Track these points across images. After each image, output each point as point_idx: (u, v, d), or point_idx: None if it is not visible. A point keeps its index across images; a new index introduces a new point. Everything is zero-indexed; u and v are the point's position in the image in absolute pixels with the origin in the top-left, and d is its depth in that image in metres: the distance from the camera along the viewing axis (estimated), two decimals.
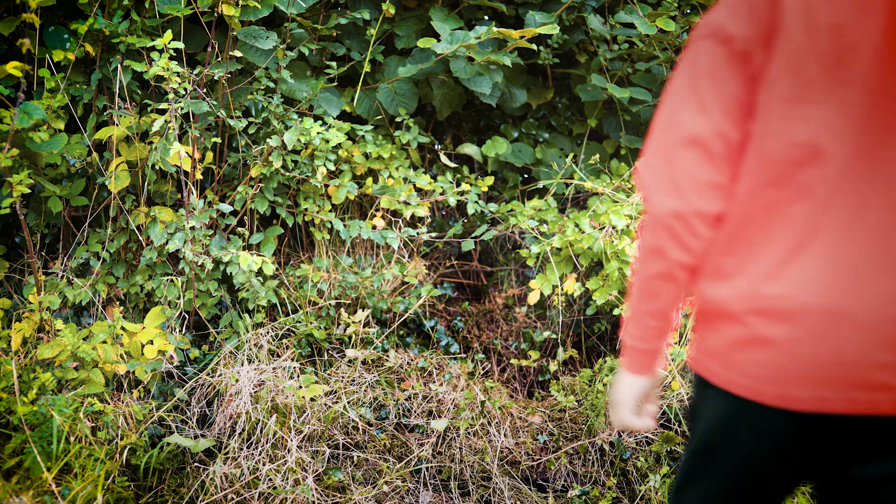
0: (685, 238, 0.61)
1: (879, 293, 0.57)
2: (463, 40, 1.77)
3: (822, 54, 0.55)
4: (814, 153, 0.57)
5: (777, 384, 0.59)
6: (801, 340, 0.58)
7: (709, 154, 0.59)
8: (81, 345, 1.51)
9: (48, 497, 1.28)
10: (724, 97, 0.58)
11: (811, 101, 0.56)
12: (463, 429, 1.61)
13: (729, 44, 0.58)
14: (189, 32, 1.76)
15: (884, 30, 0.53)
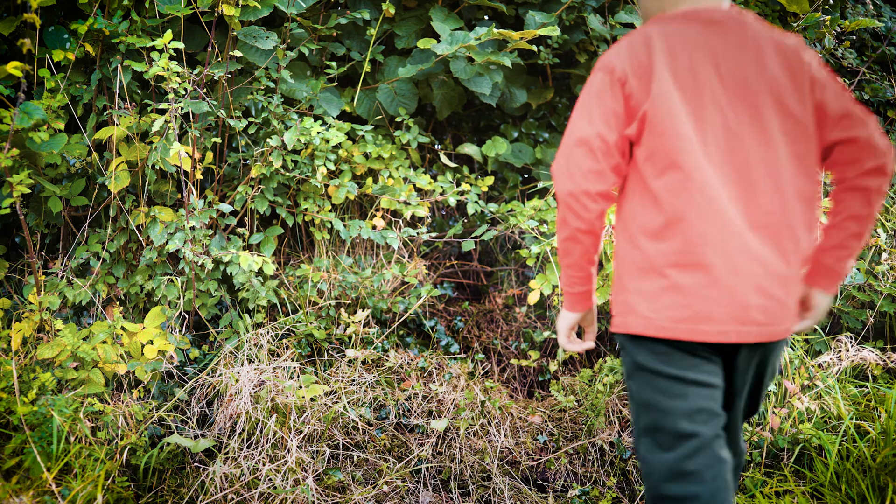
0: (578, 210, 0.87)
1: (755, 250, 0.82)
2: (463, 41, 1.77)
3: (683, 86, 0.83)
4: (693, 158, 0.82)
5: (685, 321, 0.84)
6: (708, 290, 0.83)
7: (591, 150, 0.84)
8: (81, 345, 1.51)
9: (48, 497, 1.28)
10: (604, 111, 0.84)
11: (683, 118, 0.83)
12: (463, 429, 1.61)
13: (612, 73, 0.85)
14: (189, 32, 1.76)
15: (717, 71, 0.84)
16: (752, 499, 1.45)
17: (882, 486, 1.39)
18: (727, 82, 0.84)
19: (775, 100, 0.84)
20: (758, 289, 0.83)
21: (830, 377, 1.61)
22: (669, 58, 0.83)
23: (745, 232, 0.82)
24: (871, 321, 1.84)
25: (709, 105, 0.83)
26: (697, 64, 0.84)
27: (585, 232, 0.88)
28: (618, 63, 0.84)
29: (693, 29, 0.85)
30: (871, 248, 1.90)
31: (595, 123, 0.84)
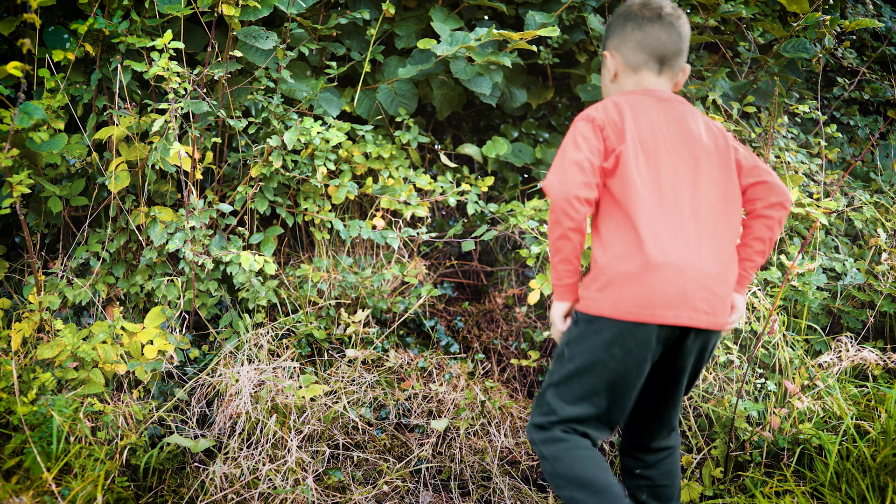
0: (570, 212, 1.08)
1: (701, 258, 1.08)
2: (463, 41, 1.77)
3: (644, 137, 1.13)
4: (654, 186, 1.11)
5: (650, 308, 1.06)
6: (665, 281, 1.06)
7: (582, 168, 1.10)
8: (81, 345, 1.51)
9: (48, 497, 1.28)
10: (590, 146, 1.11)
11: (645, 163, 1.12)
12: (463, 429, 1.61)
13: (594, 122, 1.13)
14: (189, 32, 1.75)
15: (668, 132, 1.15)
16: (752, 499, 1.45)
17: (882, 486, 1.39)
18: (674, 141, 1.14)
19: (708, 157, 1.15)
20: (703, 287, 1.08)
21: (830, 377, 1.61)
22: (635, 116, 1.14)
23: (691, 242, 1.09)
24: (872, 321, 1.84)
25: (663, 153, 1.13)
26: (654, 124, 1.14)
27: (575, 230, 1.10)
28: (597, 116, 1.13)
29: (650, 101, 1.17)
30: (872, 247, 1.90)
31: (584, 152, 1.10)
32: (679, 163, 1.12)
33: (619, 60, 1.20)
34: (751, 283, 1.24)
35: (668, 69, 1.19)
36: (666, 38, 1.17)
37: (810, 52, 1.89)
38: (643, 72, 1.19)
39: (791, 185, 1.83)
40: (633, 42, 1.18)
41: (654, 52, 1.17)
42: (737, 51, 2.14)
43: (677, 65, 1.20)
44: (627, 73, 1.20)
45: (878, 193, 2.09)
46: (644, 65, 1.18)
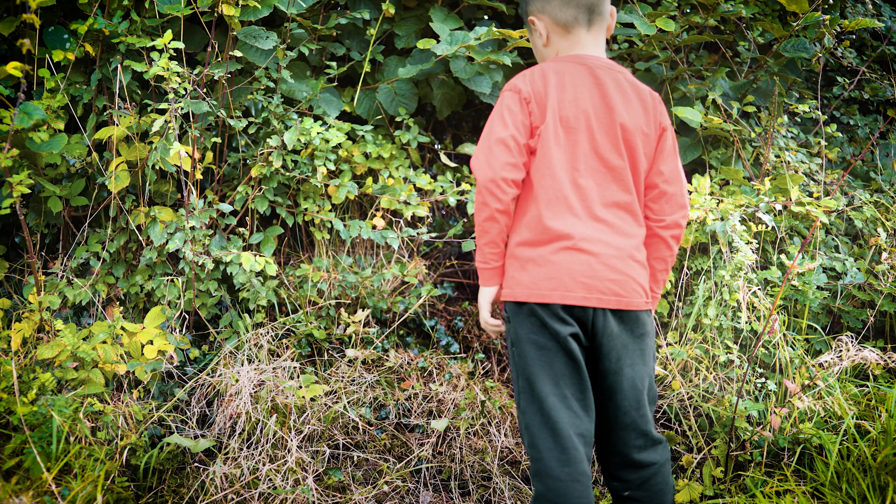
0: (497, 194, 1.08)
1: (610, 245, 1.09)
2: (463, 41, 1.77)
3: (565, 112, 1.11)
4: (569, 170, 1.10)
5: (560, 289, 1.08)
6: (575, 265, 1.08)
7: (508, 147, 1.08)
8: (81, 345, 1.51)
9: (48, 497, 1.28)
10: (516, 120, 1.09)
11: (564, 142, 1.11)
12: (463, 429, 1.61)
13: (519, 93, 1.11)
14: (189, 32, 1.76)
15: (593, 104, 1.12)
16: (752, 498, 1.45)
17: (883, 486, 1.39)
18: (599, 114, 1.11)
19: (632, 135, 1.12)
20: (611, 267, 1.09)
21: (831, 377, 1.61)
22: (559, 89, 1.11)
23: (598, 222, 1.10)
24: (872, 320, 1.84)
25: (583, 130, 1.11)
26: (580, 96, 1.12)
27: (502, 212, 1.09)
28: (523, 87, 1.11)
29: (580, 70, 1.13)
30: (872, 247, 1.90)
31: (509, 128, 1.08)
32: (600, 141, 1.10)
33: (547, 21, 1.15)
34: (663, 289, 1.29)
35: (597, 17, 1.14)
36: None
37: (810, 51, 1.89)
38: (575, 28, 1.14)
39: (791, 184, 1.83)
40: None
41: (582, 3, 1.13)
42: (736, 50, 2.14)
43: (605, 9, 1.15)
44: (559, 34, 1.15)
45: (878, 193, 2.09)
46: (574, 20, 1.13)
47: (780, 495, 1.46)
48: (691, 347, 1.66)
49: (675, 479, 1.54)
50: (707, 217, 1.69)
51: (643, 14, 1.86)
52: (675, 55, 2.00)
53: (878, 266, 1.84)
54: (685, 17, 1.88)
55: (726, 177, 1.90)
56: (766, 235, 1.85)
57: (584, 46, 1.15)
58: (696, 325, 1.70)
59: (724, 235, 1.69)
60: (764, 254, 1.85)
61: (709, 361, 1.66)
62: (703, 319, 1.66)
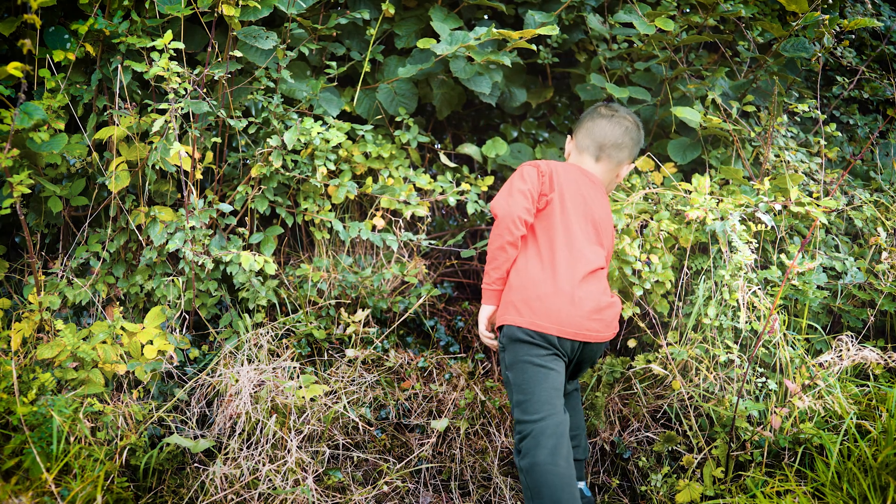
0: (513, 229, 1.41)
1: (594, 295, 1.42)
2: (463, 41, 1.77)
3: (566, 201, 1.47)
4: (569, 233, 1.45)
5: (556, 324, 1.38)
6: (561, 306, 1.39)
7: (525, 196, 1.43)
8: (81, 345, 1.51)
9: (48, 498, 1.27)
10: (533, 183, 1.45)
11: (553, 214, 1.46)
12: (463, 429, 1.60)
13: (538, 168, 1.48)
14: (189, 32, 1.76)
15: (584, 200, 1.50)
16: (753, 498, 1.44)
17: (884, 486, 1.39)
18: (585, 207, 1.47)
19: (601, 226, 1.49)
20: (592, 316, 1.41)
21: (831, 376, 1.61)
22: (566, 178, 1.48)
23: (585, 283, 1.41)
24: (872, 320, 1.83)
25: (576, 214, 1.46)
26: (577, 191, 1.48)
27: (512, 244, 1.41)
28: (542, 165, 1.48)
29: (579, 173, 1.51)
30: (872, 246, 1.90)
31: (528, 184, 1.44)
32: (584, 223, 1.46)
33: (573, 143, 1.57)
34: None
35: (605, 157, 1.53)
36: (609, 131, 1.51)
37: (809, 51, 1.89)
38: (584, 155, 1.54)
39: (791, 184, 1.83)
40: (585, 129, 1.54)
41: (596, 140, 1.52)
42: (736, 50, 2.14)
43: (616, 157, 1.53)
44: (575, 153, 1.56)
45: (877, 192, 2.09)
46: (586, 149, 1.54)
47: (780, 495, 1.45)
48: (691, 347, 1.66)
49: (676, 479, 1.54)
50: (707, 217, 1.69)
51: (642, 14, 1.86)
52: (674, 55, 2.00)
53: (879, 265, 1.83)
54: (684, 17, 1.88)
55: (726, 176, 1.90)
56: (766, 235, 1.84)
57: (584, 168, 1.54)
58: (696, 325, 1.70)
59: (724, 235, 1.69)
60: (764, 253, 1.85)
61: (709, 361, 1.66)
62: (703, 319, 1.66)
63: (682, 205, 1.78)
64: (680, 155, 1.94)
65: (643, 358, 1.72)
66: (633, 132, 1.52)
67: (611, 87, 1.92)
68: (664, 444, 1.60)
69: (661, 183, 1.92)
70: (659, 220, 1.75)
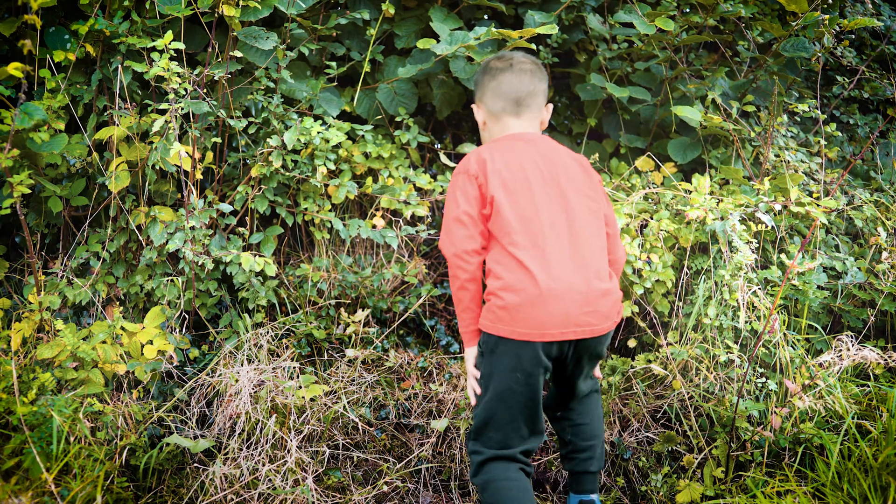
0: (463, 265, 1.26)
1: (579, 282, 1.23)
2: (462, 41, 1.77)
3: (515, 186, 1.27)
4: (529, 219, 1.25)
5: (539, 328, 1.21)
6: (549, 305, 1.21)
7: (463, 223, 1.26)
8: (81, 345, 1.51)
9: (47, 498, 1.27)
10: (468, 197, 1.27)
11: (519, 200, 1.27)
12: (463, 429, 1.60)
13: (468, 173, 1.28)
14: (189, 33, 1.76)
15: (538, 170, 1.29)
16: (753, 499, 1.44)
17: (884, 486, 1.38)
18: (544, 177, 1.28)
19: (574, 183, 1.29)
20: (584, 304, 1.23)
21: (831, 376, 1.61)
22: (505, 161, 1.27)
23: (571, 265, 1.24)
24: (872, 320, 1.83)
25: (536, 189, 1.26)
26: (524, 165, 1.28)
27: (470, 280, 1.27)
28: (470, 167, 1.28)
29: (517, 144, 1.31)
30: (872, 246, 1.90)
31: (462, 205, 1.26)
32: (552, 194, 1.27)
33: (483, 110, 1.36)
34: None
35: (525, 110, 1.33)
36: (517, 83, 1.32)
37: (809, 51, 1.89)
38: (504, 116, 1.33)
39: (791, 183, 1.83)
40: (490, 91, 1.34)
41: (510, 96, 1.32)
42: (736, 50, 2.14)
43: (535, 104, 1.34)
44: (492, 120, 1.35)
45: (878, 192, 2.08)
46: (502, 110, 1.33)
47: (781, 495, 1.45)
48: (691, 347, 1.66)
49: (676, 479, 1.53)
50: (707, 216, 1.69)
51: (642, 14, 1.86)
52: (674, 55, 2.00)
53: (879, 265, 1.83)
54: (684, 17, 1.88)
55: (726, 176, 1.90)
56: (766, 235, 1.84)
57: (513, 130, 1.34)
58: (696, 325, 1.70)
59: (724, 235, 1.69)
60: (764, 253, 1.85)
61: (709, 361, 1.66)
62: (704, 319, 1.66)
63: (682, 204, 1.77)
64: (680, 155, 1.94)
65: (643, 358, 1.72)
66: (538, 73, 1.33)
67: (611, 87, 1.92)
68: (664, 445, 1.60)
69: (661, 183, 1.92)
70: (659, 220, 1.75)
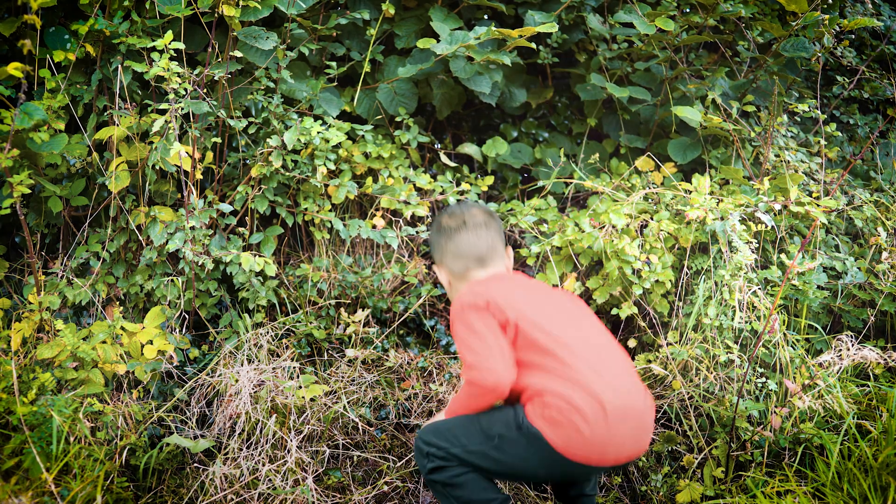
0: (499, 394, 1.16)
1: (636, 400, 1.16)
2: (462, 40, 1.77)
3: (526, 311, 1.20)
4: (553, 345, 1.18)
5: (598, 455, 1.14)
6: (614, 429, 1.13)
7: (503, 356, 1.16)
8: (81, 345, 1.51)
9: (47, 498, 1.27)
10: (492, 329, 1.18)
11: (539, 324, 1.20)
12: None
13: (477, 307, 1.19)
14: (189, 33, 1.76)
15: (540, 303, 1.24)
16: (753, 499, 1.44)
17: (884, 486, 1.38)
18: (545, 302, 1.23)
19: (572, 303, 1.26)
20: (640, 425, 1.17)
21: (831, 376, 1.61)
22: (502, 292, 1.20)
23: (618, 379, 1.16)
24: (872, 320, 1.83)
25: (547, 312, 1.21)
26: (521, 293, 1.22)
27: (495, 399, 1.20)
28: (478, 301, 1.20)
29: (501, 279, 1.27)
30: (872, 246, 1.90)
31: (492, 337, 1.16)
32: (558, 316, 1.21)
33: (446, 270, 1.32)
34: None
35: (489, 262, 1.29)
36: (475, 240, 1.28)
37: (809, 51, 1.89)
38: (469, 272, 1.30)
39: (791, 183, 1.83)
40: (450, 254, 1.30)
41: (470, 256, 1.29)
42: (736, 50, 2.14)
43: (497, 254, 1.30)
44: (458, 279, 1.31)
45: (878, 192, 2.08)
46: (466, 268, 1.29)
47: (781, 495, 1.45)
48: (691, 347, 1.66)
49: (676, 480, 1.53)
50: (707, 216, 1.69)
51: (642, 14, 1.86)
52: (674, 55, 2.00)
53: (879, 265, 1.83)
54: (685, 17, 1.88)
55: (726, 176, 1.90)
56: (766, 235, 1.84)
57: (483, 276, 1.30)
58: (696, 325, 1.70)
59: (724, 235, 1.69)
60: (764, 253, 1.85)
61: (709, 361, 1.66)
62: (704, 319, 1.66)
63: (682, 205, 1.77)
64: (680, 155, 1.94)
65: (643, 358, 1.72)
66: (492, 223, 1.30)
67: (611, 87, 1.92)
68: (664, 444, 1.60)
69: (661, 183, 1.92)
70: (659, 220, 1.75)
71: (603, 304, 1.80)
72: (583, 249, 1.75)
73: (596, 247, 1.71)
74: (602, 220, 1.75)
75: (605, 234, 1.73)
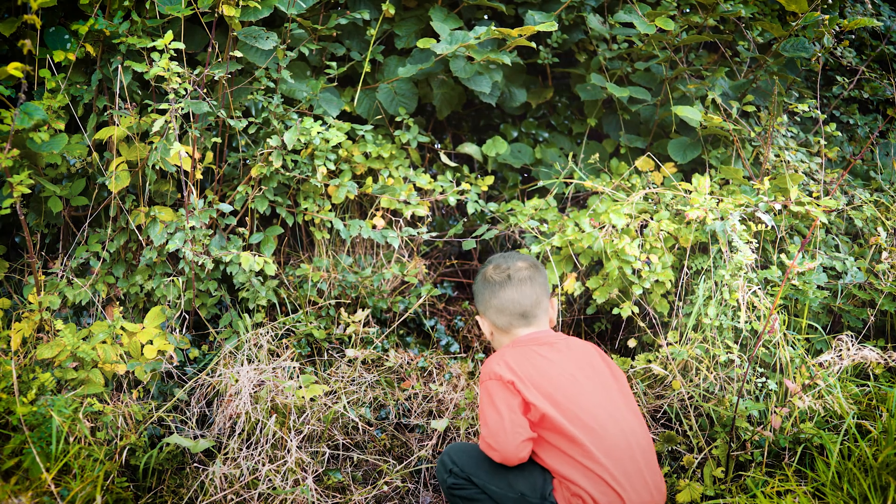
0: (516, 461, 1.20)
1: (650, 489, 1.21)
2: (462, 40, 1.77)
3: (555, 394, 1.23)
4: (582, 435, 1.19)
5: None
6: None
7: (518, 431, 1.19)
8: (81, 345, 1.51)
9: (47, 498, 1.27)
10: (511, 405, 1.20)
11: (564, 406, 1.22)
12: (463, 429, 1.60)
13: (502, 380, 1.22)
14: (189, 33, 1.76)
15: (568, 370, 1.28)
16: (753, 498, 1.44)
17: (884, 486, 1.38)
18: (581, 376, 1.24)
19: (603, 375, 1.26)
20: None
21: (831, 376, 1.61)
22: (536, 368, 1.23)
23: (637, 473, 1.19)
24: (872, 320, 1.83)
25: (583, 388, 1.22)
26: (556, 368, 1.24)
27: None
28: (503, 374, 1.22)
29: (540, 349, 1.27)
30: (872, 246, 1.90)
31: (510, 413, 1.19)
32: (590, 399, 1.21)
33: (489, 323, 1.35)
34: None
35: (533, 319, 1.31)
36: (519, 297, 1.29)
37: (809, 51, 1.89)
38: (513, 328, 1.32)
39: (791, 183, 1.83)
40: (493, 308, 1.32)
41: (514, 311, 1.30)
42: (736, 50, 2.14)
43: (541, 309, 1.32)
44: (500, 333, 1.34)
45: (878, 192, 2.09)
46: (510, 324, 1.31)
47: (781, 495, 1.45)
48: (691, 347, 1.66)
49: (676, 479, 1.53)
50: (707, 216, 1.69)
51: (643, 14, 1.86)
52: (674, 55, 2.00)
53: (879, 265, 1.83)
54: (684, 17, 1.88)
55: (726, 176, 1.90)
56: (766, 235, 1.84)
57: (525, 333, 1.32)
58: (696, 325, 1.70)
59: (724, 235, 1.69)
60: (764, 253, 1.85)
61: (709, 361, 1.66)
62: (704, 319, 1.66)
63: (682, 205, 1.77)
64: (680, 154, 1.94)
65: (643, 358, 1.72)
66: (537, 276, 1.31)
67: (611, 87, 1.92)
68: (664, 444, 1.60)
69: (661, 183, 1.92)
70: (659, 220, 1.75)
71: (603, 303, 1.80)
72: (583, 249, 1.76)
73: (596, 247, 1.71)
74: (602, 220, 1.75)
75: (605, 234, 1.73)
